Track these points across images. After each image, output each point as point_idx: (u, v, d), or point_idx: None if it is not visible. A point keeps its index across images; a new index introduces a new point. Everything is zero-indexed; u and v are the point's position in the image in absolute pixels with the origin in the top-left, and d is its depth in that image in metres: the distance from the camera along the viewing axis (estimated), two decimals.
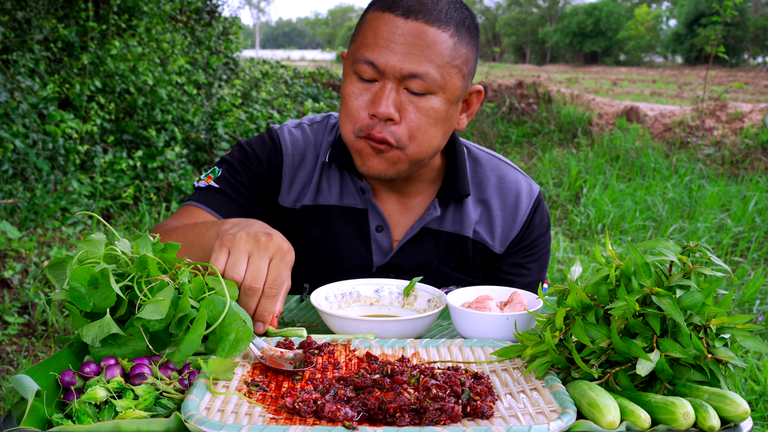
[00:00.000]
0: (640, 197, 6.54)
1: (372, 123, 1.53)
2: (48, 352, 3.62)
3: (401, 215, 1.74)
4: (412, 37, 1.49)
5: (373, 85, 1.53)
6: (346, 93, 1.57)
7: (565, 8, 74.78)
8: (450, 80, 1.53)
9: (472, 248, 1.75)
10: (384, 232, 1.73)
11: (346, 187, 1.73)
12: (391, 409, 0.97)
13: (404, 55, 1.49)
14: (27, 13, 6.47)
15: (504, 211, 1.75)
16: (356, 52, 1.55)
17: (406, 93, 1.52)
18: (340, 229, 1.74)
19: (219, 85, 9.10)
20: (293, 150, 1.75)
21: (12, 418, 0.96)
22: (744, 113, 9.74)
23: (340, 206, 1.73)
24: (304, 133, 1.78)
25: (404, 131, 1.53)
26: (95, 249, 1.16)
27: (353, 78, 1.56)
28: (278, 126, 1.80)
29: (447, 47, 1.51)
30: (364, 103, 1.54)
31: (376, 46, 1.50)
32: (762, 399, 3.17)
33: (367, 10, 1.58)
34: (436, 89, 1.51)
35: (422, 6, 1.51)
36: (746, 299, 4.39)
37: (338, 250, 1.74)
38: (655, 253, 1.11)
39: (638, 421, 0.97)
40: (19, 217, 5.17)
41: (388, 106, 1.50)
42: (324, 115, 1.84)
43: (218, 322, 1.11)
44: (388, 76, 1.50)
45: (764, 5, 51.49)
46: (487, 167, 1.78)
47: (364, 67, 1.51)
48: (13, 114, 5.53)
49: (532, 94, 11.02)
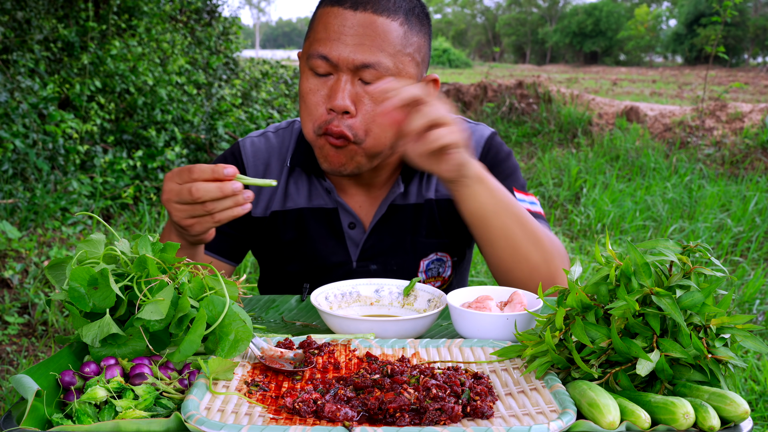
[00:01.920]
0: (640, 197, 6.54)
1: (330, 118, 1.55)
2: (48, 352, 3.62)
3: (371, 206, 1.76)
4: (362, 27, 1.51)
5: (328, 79, 1.55)
6: (304, 90, 1.59)
7: (565, 8, 74.77)
8: (404, 68, 1.55)
9: (438, 208, 1.76)
10: (357, 228, 1.75)
11: (314, 188, 1.76)
12: (391, 409, 0.97)
13: (355, 46, 1.51)
14: (27, 13, 6.47)
15: None
16: (309, 48, 1.57)
17: (360, 84, 1.54)
18: (313, 230, 1.76)
19: (219, 85, 9.10)
20: (255, 160, 1.78)
21: (12, 418, 0.96)
22: (744, 113, 9.73)
23: (310, 208, 1.76)
24: (267, 141, 1.80)
25: (360, 124, 1.55)
26: (95, 249, 1.16)
27: (309, 74, 1.58)
28: (242, 139, 1.83)
29: (398, 36, 1.53)
30: (321, 98, 1.56)
31: (328, 40, 1.52)
32: (762, 399, 3.17)
33: (318, 6, 1.61)
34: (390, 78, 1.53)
35: None
36: (746, 299, 4.39)
37: (315, 251, 1.76)
38: (655, 253, 1.11)
39: (638, 421, 0.97)
40: (19, 217, 5.17)
41: (344, 98, 1.52)
42: (289, 121, 1.86)
43: (218, 322, 1.11)
44: (342, 69, 1.52)
45: (764, 5, 51.48)
46: None
47: (318, 62, 1.54)
48: (13, 114, 5.53)
49: (532, 94, 11.02)
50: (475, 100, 10.96)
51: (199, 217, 1.36)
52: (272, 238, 1.79)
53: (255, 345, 1.19)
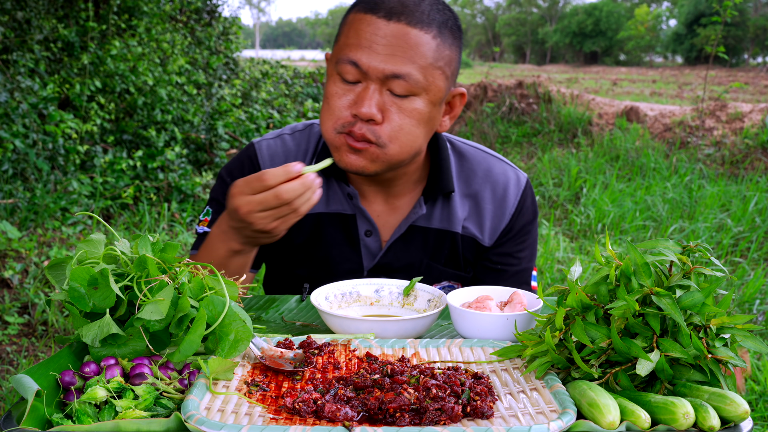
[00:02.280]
0: (640, 197, 6.54)
1: (353, 121, 1.53)
2: (48, 352, 3.62)
3: (389, 215, 1.75)
4: (395, 38, 1.49)
5: (356, 86, 1.53)
6: (329, 93, 1.57)
7: (565, 8, 74.78)
8: (433, 81, 1.53)
9: (462, 243, 1.75)
10: (373, 236, 1.73)
11: (333, 193, 1.74)
12: (391, 409, 0.97)
13: (387, 56, 1.49)
14: (27, 13, 6.47)
15: (493, 204, 1.75)
16: (339, 52, 1.55)
17: (388, 94, 1.52)
18: (329, 235, 1.74)
19: (219, 85, 9.10)
20: (272, 164, 1.75)
21: (12, 418, 0.96)
22: (744, 113, 9.73)
23: (328, 213, 1.74)
24: (284, 144, 1.78)
25: (386, 132, 1.53)
26: (95, 249, 1.16)
27: (336, 79, 1.56)
28: (258, 140, 1.81)
29: (430, 48, 1.51)
30: (347, 102, 1.54)
31: (359, 47, 1.51)
32: (762, 399, 3.17)
33: (350, 11, 1.59)
34: (419, 90, 1.51)
35: (404, 8, 1.51)
36: (746, 299, 4.39)
37: (328, 257, 1.74)
38: (655, 253, 1.11)
39: (638, 421, 0.97)
40: (19, 217, 5.17)
41: (371, 106, 1.50)
42: (306, 123, 1.83)
43: (218, 323, 1.11)
44: (371, 77, 1.51)
45: (764, 5, 51.48)
46: (473, 161, 1.79)
47: (348, 68, 1.52)
48: (13, 114, 5.53)
49: (532, 94, 11.02)
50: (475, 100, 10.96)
51: (284, 216, 1.42)
52: (283, 241, 1.75)
53: (255, 345, 1.19)
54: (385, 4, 1.52)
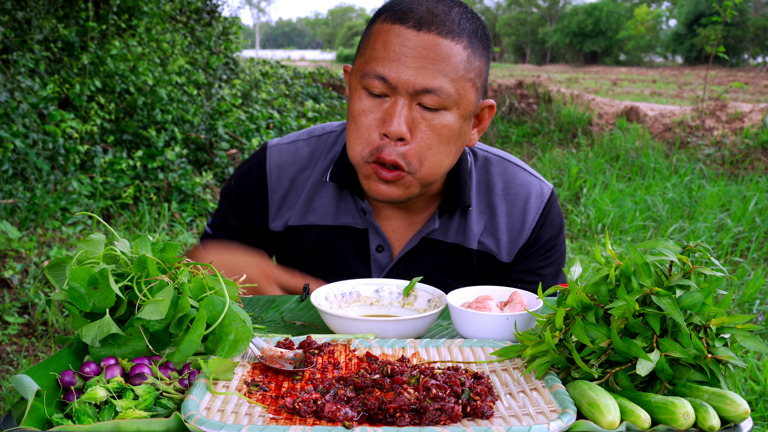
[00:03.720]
0: (640, 197, 6.54)
1: (382, 144, 1.46)
2: (48, 352, 3.62)
3: (404, 231, 1.69)
4: (425, 50, 1.42)
5: (383, 101, 1.46)
6: (355, 110, 1.49)
7: (565, 8, 74.76)
8: (464, 94, 1.46)
9: (478, 259, 1.69)
10: (384, 252, 1.68)
11: (344, 205, 1.67)
12: (391, 409, 0.97)
13: (417, 69, 1.42)
14: (27, 13, 6.47)
15: (510, 218, 1.68)
16: (365, 66, 1.47)
17: (418, 109, 1.45)
18: (336, 248, 1.69)
19: (219, 85, 9.10)
20: (279, 173, 1.70)
21: (12, 418, 0.96)
22: (744, 113, 9.73)
23: (336, 226, 1.68)
24: (296, 152, 1.71)
25: (414, 153, 1.47)
26: (95, 249, 1.16)
27: (362, 94, 1.48)
28: (273, 142, 1.74)
29: (461, 60, 1.44)
30: (375, 121, 1.47)
31: (387, 60, 1.43)
32: (762, 399, 3.17)
33: (374, 21, 1.51)
34: (450, 104, 1.45)
35: (434, 17, 1.43)
36: (746, 299, 4.39)
37: (335, 269, 1.69)
38: (655, 253, 1.11)
39: (638, 421, 0.97)
40: (19, 217, 5.17)
41: (400, 124, 1.43)
42: (326, 128, 1.76)
43: (218, 323, 1.11)
44: (400, 92, 1.44)
45: (764, 5, 51.47)
46: (495, 172, 1.71)
47: (374, 82, 1.44)
48: (13, 114, 5.53)
49: (532, 94, 11.02)
50: None
51: None
52: (288, 252, 1.72)
53: (255, 345, 1.19)
54: (414, 13, 1.44)
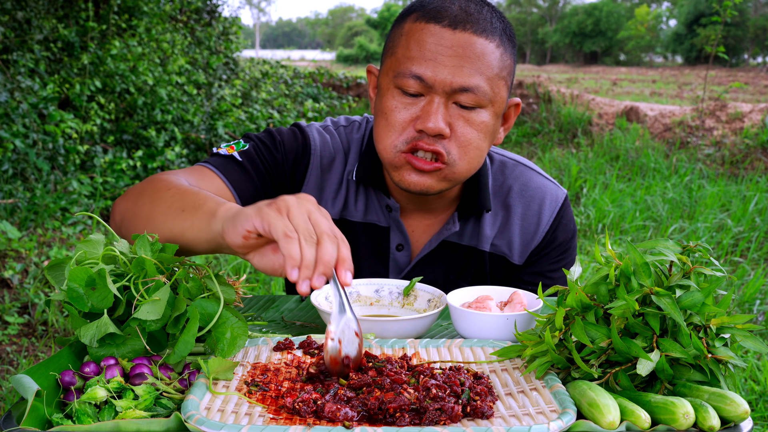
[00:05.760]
0: (640, 197, 6.54)
1: (418, 137, 1.46)
2: (48, 352, 3.62)
3: (424, 231, 1.69)
4: (461, 48, 1.42)
5: (418, 100, 1.46)
6: (388, 108, 1.48)
7: (565, 8, 74.78)
8: (498, 92, 1.48)
9: (490, 262, 1.70)
10: (404, 251, 1.68)
11: (371, 203, 1.67)
12: (391, 409, 0.97)
13: (454, 68, 1.42)
14: (27, 13, 6.47)
15: (524, 221, 1.69)
16: (399, 65, 1.47)
17: (455, 107, 1.46)
18: (360, 246, 1.68)
19: (219, 85, 9.10)
20: (322, 152, 1.68)
21: (12, 418, 0.96)
22: (744, 113, 9.73)
23: (363, 223, 1.68)
24: (333, 138, 1.70)
25: (455, 147, 1.47)
26: (94, 249, 1.16)
27: (395, 92, 1.48)
28: (305, 124, 1.71)
29: (495, 58, 1.45)
30: (409, 117, 1.47)
31: (423, 59, 1.43)
32: (762, 399, 3.17)
33: (403, 20, 1.51)
34: (486, 102, 1.46)
35: (468, 16, 1.44)
36: (746, 299, 4.39)
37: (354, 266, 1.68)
38: (655, 253, 1.11)
39: (638, 421, 0.97)
40: (19, 217, 5.17)
41: (438, 121, 1.43)
42: (348, 121, 1.75)
43: (212, 323, 1.11)
44: (437, 90, 1.44)
45: (764, 5, 51.49)
46: (511, 175, 1.72)
47: (410, 81, 1.44)
48: (13, 114, 5.53)
49: (532, 94, 11.02)
50: None
51: (296, 238, 1.08)
52: None
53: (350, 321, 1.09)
54: (448, 12, 1.44)
